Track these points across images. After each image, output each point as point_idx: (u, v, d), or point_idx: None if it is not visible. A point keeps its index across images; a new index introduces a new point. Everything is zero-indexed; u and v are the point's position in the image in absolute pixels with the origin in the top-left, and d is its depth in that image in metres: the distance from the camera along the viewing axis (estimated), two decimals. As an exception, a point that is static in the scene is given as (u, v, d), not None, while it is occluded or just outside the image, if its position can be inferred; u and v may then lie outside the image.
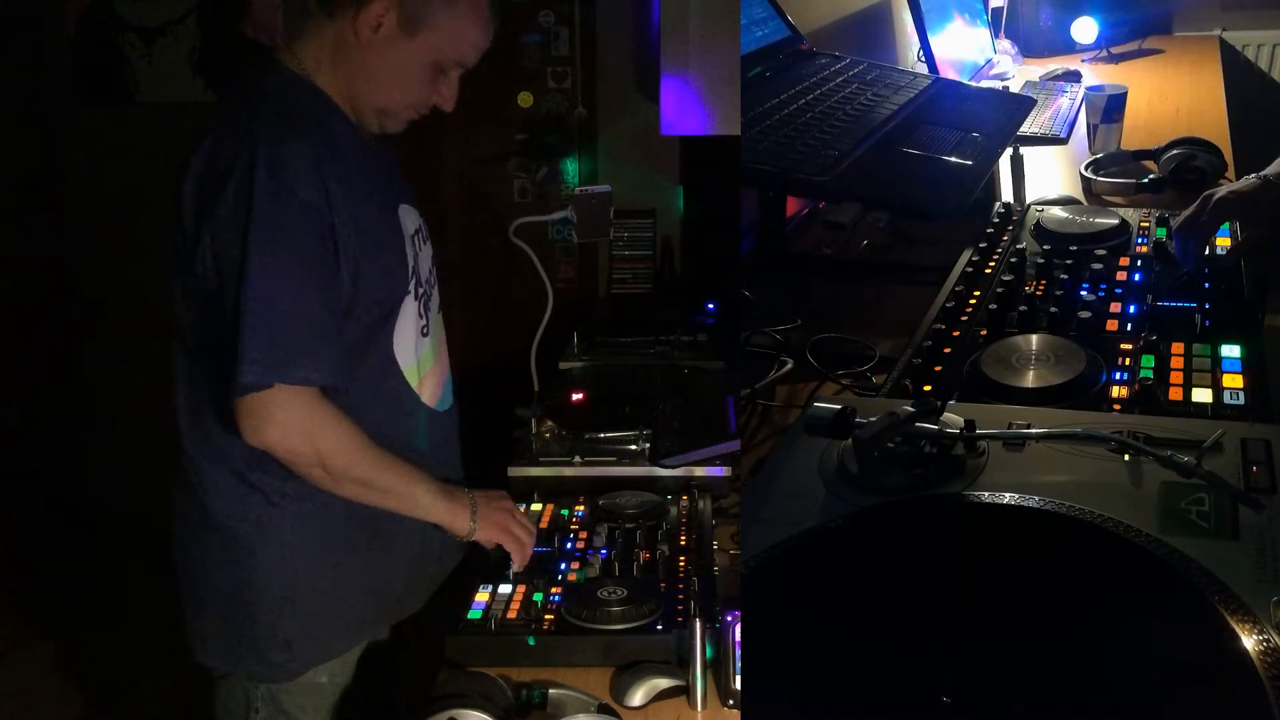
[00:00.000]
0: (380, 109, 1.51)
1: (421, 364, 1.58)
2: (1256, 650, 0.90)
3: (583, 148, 3.63)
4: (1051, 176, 2.44)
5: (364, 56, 1.47)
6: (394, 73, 1.48)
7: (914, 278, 1.92)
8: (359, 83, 1.49)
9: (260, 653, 1.49)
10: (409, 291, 1.54)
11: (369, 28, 1.45)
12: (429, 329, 1.61)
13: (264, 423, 1.36)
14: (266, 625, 1.48)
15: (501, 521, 1.56)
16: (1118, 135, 2.54)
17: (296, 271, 1.36)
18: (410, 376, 1.55)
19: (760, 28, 2.17)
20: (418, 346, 1.57)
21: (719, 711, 1.30)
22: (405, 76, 1.49)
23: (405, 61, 1.48)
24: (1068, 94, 2.91)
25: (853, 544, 1.14)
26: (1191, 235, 1.65)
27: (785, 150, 1.75)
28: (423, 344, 1.58)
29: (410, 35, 1.46)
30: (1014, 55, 3.18)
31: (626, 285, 3.57)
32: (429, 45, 1.48)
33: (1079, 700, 0.91)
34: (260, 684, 1.51)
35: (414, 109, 1.54)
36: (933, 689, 0.93)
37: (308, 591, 1.50)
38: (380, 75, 1.48)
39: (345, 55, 1.47)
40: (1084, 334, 1.54)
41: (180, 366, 1.50)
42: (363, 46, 1.46)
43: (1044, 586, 1.01)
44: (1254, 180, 1.63)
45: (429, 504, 1.51)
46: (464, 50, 1.51)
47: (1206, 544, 1.03)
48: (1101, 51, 3.40)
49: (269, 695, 1.51)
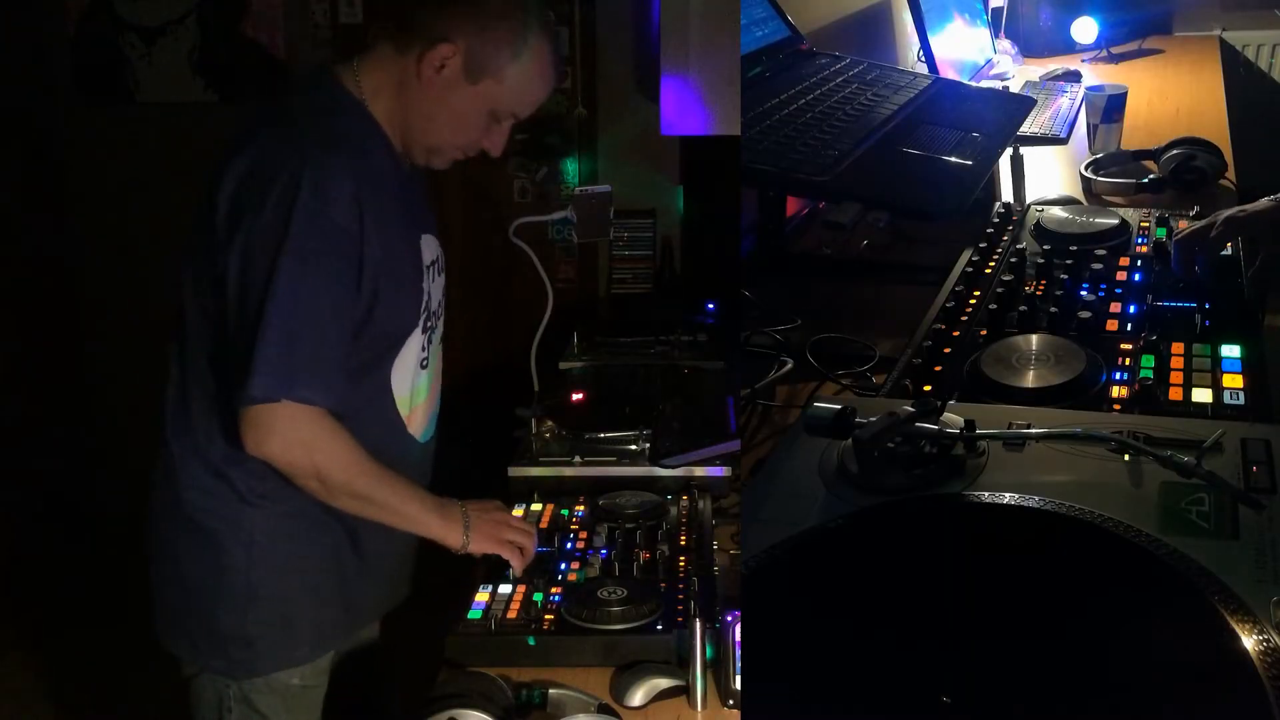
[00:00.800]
0: (430, 147, 1.53)
1: (415, 395, 1.59)
2: (1256, 650, 0.90)
3: (583, 148, 3.63)
4: (1051, 176, 2.44)
5: (424, 94, 1.47)
6: (450, 116, 1.49)
7: (914, 278, 1.92)
8: (414, 119, 1.50)
9: (222, 647, 1.51)
10: (418, 324, 1.55)
11: (433, 67, 1.45)
12: (428, 361, 1.61)
13: (267, 435, 1.37)
14: (230, 621, 1.49)
15: (494, 533, 1.55)
16: (1118, 135, 2.54)
17: (321, 294, 1.38)
18: (402, 407, 1.56)
19: (760, 28, 2.17)
20: (414, 378, 1.58)
21: (719, 711, 1.30)
22: (460, 121, 1.50)
23: (463, 106, 1.49)
24: (1068, 94, 2.91)
25: (853, 544, 1.14)
26: (1197, 251, 1.63)
27: (785, 150, 1.75)
28: (420, 376, 1.59)
29: (473, 82, 1.47)
30: (1014, 55, 3.18)
31: (626, 285, 3.57)
32: (490, 94, 1.48)
33: (1079, 700, 0.91)
34: (231, 683, 1.52)
35: (463, 151, 1.55)
36: (933, 689, 0.93)
37: (272, 593, 1.50)
38: (437, 115, 1.49)
39: (406, 89, 1.48)
40: (1084, 334, 1.54)
41: (174, 357, 1.51)
42: (424, 84, 1.47)
43: (1044, 586, 1.01)
44: (1267, 203, 1.61)
45: (423, 520, 1.51)
46: (523, 103, 1.52)
47: (1206, 544, 1.03)
48: (1101, 51, 3.40)
49: (240, 695, 1.52)
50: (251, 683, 1.52)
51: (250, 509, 1.48)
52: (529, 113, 1.55)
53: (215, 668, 1.52)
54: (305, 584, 1.52)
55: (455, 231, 3.56)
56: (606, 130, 3.62)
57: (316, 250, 1.36)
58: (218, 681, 1.53)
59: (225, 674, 1.52)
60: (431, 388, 1.65)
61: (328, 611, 1.55)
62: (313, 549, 1.52)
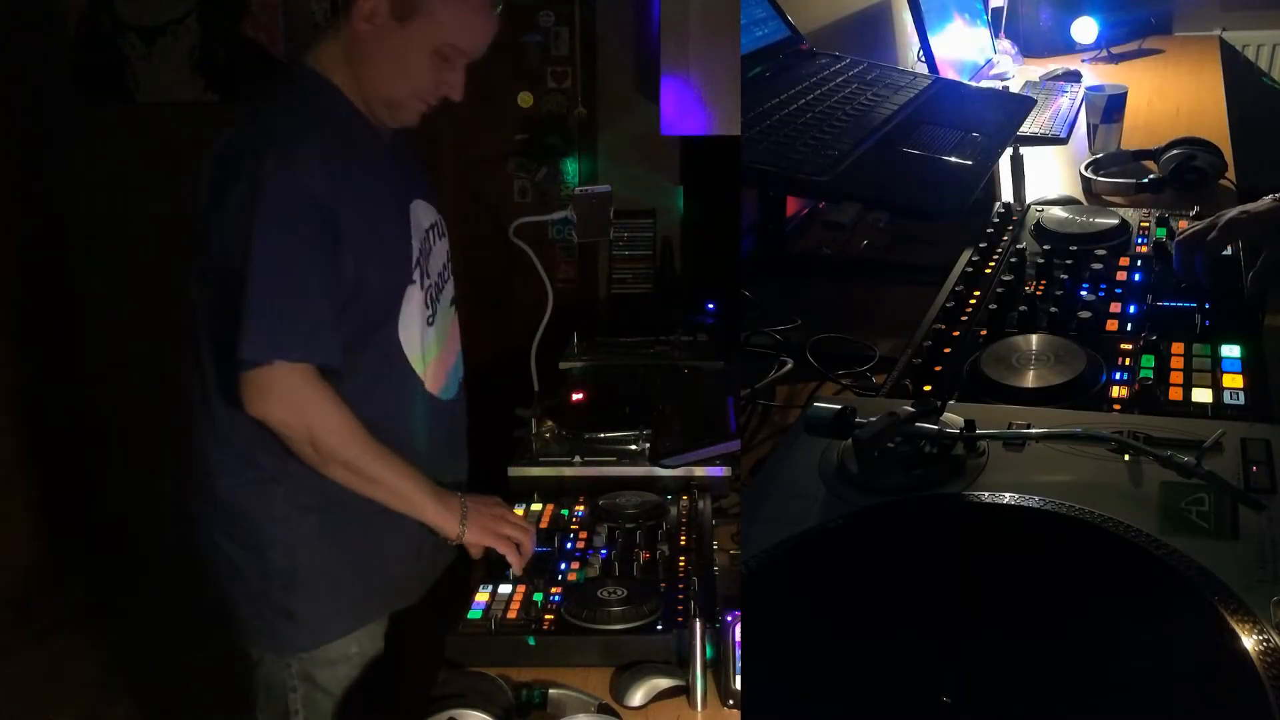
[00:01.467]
0: (387, 100, 1.56)
1: (426, 352, 1.62)
2: (1256, 650, 0.90)
3: (583, 148, 3.63)
4: (1051, 176, 2.43)
5: (366, 49, 1.52)
6: (394, 63, 1.52)
7: (914, 278, 1.92)
8: (366, 78, 1.54)
9: (269, 624, 1.55)
10: (413, 282, 1.58)
11: (363, 19, 1.50)
12: (435, 319, 1.65)
13: (261, 395, 1.43)
14: (276, 598, 1.54)
15: (492, 526, 1.57)
16: (1118, 135, 2.54)
17: (298, 257, 1.43)
18: (415, 363, 1.60)
19: (760, 28, 2.17)
20: (423, 335, 1.61)
21: (719, 711, 1.30)
22: (405, 65, 1.53)
23: (403, 49, 1.52)
24: (1068, 94, 2.91)
25: (853, 544, 1.14)
26: (1197, 251, 1.63)
27: (785, 150, 1.75)
28: (428, 333, 1.63)
29: (403, 21, 1.50)
30: (1014, 55, 3.18)
31: (626, 285, 3.57)
32: (425, 32, 1.51)
33: (1079, 700, 0.91)
34: (292, 661, 1.56)
35: (421, 99, 1.57)
36: (933, 689, 0.93)
37: (309, 567, 1.54)
38: (383, 65, 1.53)
39: (353, 52, 1.53)
40: (1084, 334, 1.54)
41: (189, 353, 1.56)
42: (362, 39, 1.51)
43: (1044, 586, 1.01)
44: (1269, 201, 1.60)
45: (418, 501, 1.54)
46: (462, 37, 1.54)
47: (1206, 544, 1.03)
48: (1101, 51, 3.40)
49: (303, 673, 1.56)
50: (311, 658, 1.56)
51: (278, 486, 1.53)
52: (476, 48, 1.56)
53: (270, 646, 1.57)
54: (343, 557, 1.56)
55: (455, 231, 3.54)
56: (606, 130, 3.61)
57: (291, 218, 1.42)
58: (278, 664, 1.57)
59: (279, 652, 1.56)
60: (445, 344, 1.69)
61: (371, 580, 1.60)
62: (339, 526, 1.56)
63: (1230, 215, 1.62)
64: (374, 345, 1.55)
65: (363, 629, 1.60)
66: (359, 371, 1.51)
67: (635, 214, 3.52)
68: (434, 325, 1.64)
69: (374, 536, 1.58)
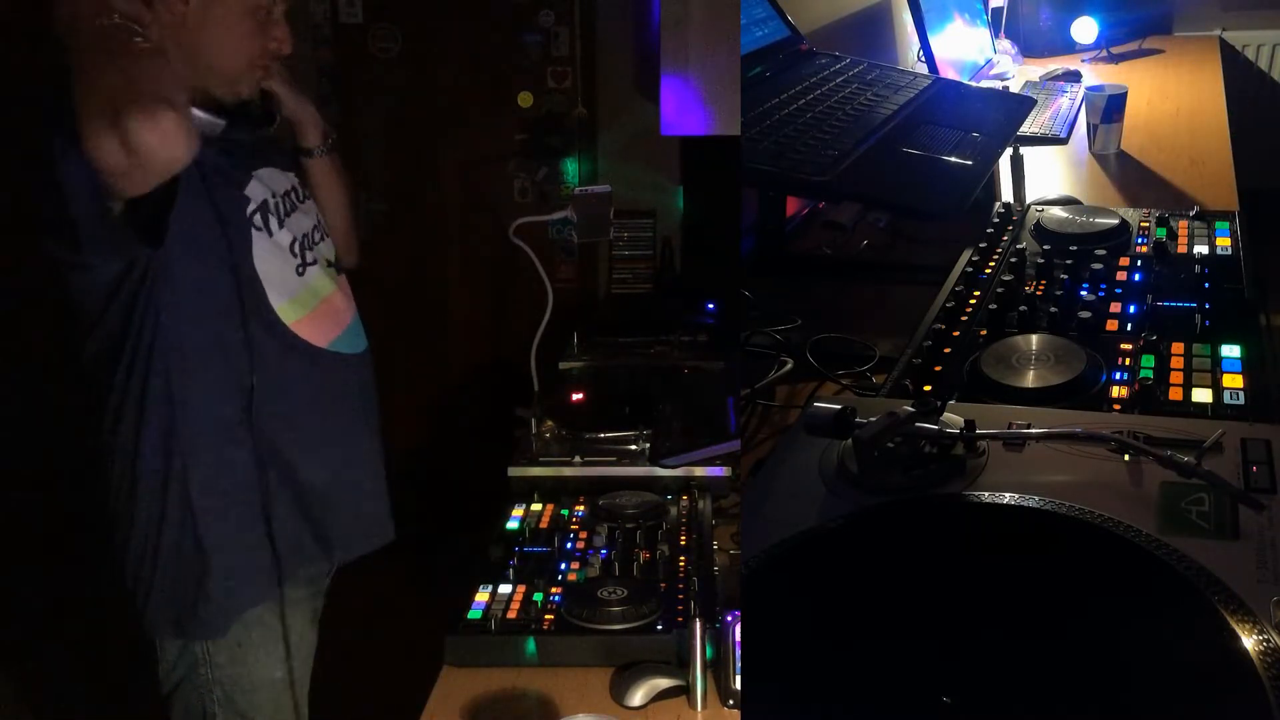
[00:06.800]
0: (225, 77, 1.54)
1: (300, 302, 1.62)
2: (1256, 650, 0.90)
3: (583, 148, 3.63)
4: (1051, 176, 2.44)
5: (180, 35, 1.47)
6: (210, 34, 1.50)
7: (914, 278, 1.92)
8: (194, 62, 1.49)
9: (190, 609, 1.60)
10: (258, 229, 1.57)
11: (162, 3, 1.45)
12: (304, 269, 1.64)
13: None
14: (189, 578, 1.59)
15: None
16: (1118, 135, 2.54)
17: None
18: (285, 315, 1.59)
19: (760, 28, 2.17)
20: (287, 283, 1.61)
21: (719, 711, 1.30)
22: (224, 32, 1.51)
23: (214, 18, 1.49)
24: (1068, 94, 2.91)
25: (853, 544, 1.14)
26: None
27: (785, 150, 1.75)
28: (296, 281, 1.62)
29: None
30: (1014, 55, 3.19)
31: (626, 285, 3.57)
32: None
33: (1079, 700, 0.91)
34: (195, 644, 1.60)
35: (251, 61, 1.56)
36: (933, 689, 0.93)
37: (216, 543, 1.58)
38: (202, 42, 1.50)
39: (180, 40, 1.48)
40: (1084, 334, 1.54)
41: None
42: (192, 28, 1.48)
43: (1044, 586, 1.01)
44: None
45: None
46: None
47: (1206, 544, 1.03)
48: (1101, 51, 3.41)
49: (205, 656, 1.61)
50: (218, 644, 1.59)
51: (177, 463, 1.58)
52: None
53: (187, 632, 1.60)
54: (243, 531, 1.59)
55: (455, 231, 3.57)
56: (606, 130, 3.61)
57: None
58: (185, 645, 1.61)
59: (196, 636, 1.60)
60: (325, 300, 1.67)
61: (277, 546, 1.61)
62: (244, 491, 1.58)
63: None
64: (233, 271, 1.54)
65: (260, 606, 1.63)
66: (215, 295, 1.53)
67: (635, 214, 3.52)
68: (303, 276, 1.64)
69: (274, 501, 1.61)
